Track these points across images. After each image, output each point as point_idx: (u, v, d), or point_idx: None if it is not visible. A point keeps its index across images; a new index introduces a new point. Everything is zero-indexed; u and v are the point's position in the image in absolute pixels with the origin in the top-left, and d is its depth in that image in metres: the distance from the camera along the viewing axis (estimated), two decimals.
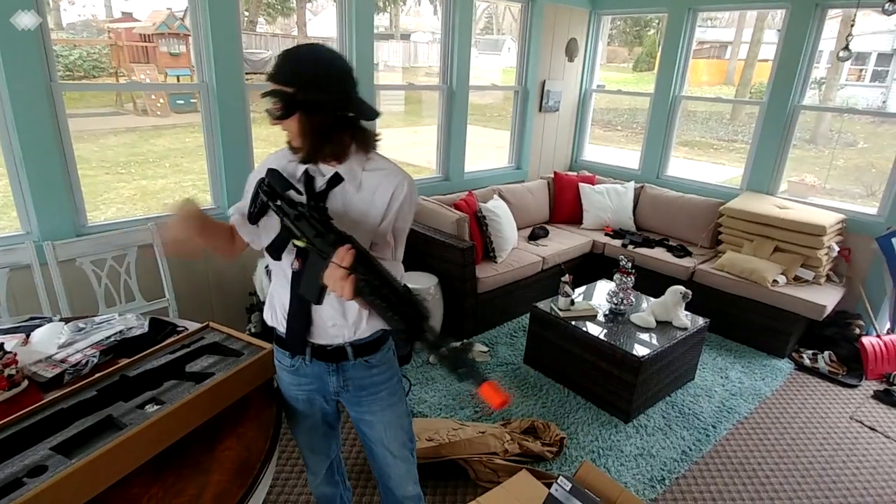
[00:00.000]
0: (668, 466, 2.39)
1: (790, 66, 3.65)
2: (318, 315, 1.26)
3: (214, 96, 2.71)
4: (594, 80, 4.93)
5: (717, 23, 13.06)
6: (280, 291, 1.30)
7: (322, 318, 1.26)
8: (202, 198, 6.16)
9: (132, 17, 9.26)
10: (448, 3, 3.70)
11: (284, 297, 1.28)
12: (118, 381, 1.36)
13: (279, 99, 1.12)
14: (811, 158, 9.20)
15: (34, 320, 1.76)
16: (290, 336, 1.30)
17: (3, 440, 1.13)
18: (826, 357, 3.30)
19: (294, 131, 1.17)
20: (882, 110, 7.91)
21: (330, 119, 1.16)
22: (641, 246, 3.93)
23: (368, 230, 1.22)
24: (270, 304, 1.35)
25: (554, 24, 4.37)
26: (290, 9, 10.88)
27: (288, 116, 1.14)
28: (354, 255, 0.99)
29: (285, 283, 1.26)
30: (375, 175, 1.23)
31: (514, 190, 4.18)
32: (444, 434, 2.31)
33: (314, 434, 1.45)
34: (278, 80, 1.13)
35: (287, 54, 1.14)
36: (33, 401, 1.36)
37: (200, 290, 2.86)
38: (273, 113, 1.14)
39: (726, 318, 3.47)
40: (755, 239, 3.58)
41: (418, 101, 10.35)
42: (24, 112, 2.20)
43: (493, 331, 3.51)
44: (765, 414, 2.84)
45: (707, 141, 10.81)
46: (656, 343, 2.68)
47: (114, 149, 7.30)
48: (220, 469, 1.20)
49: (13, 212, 2.39)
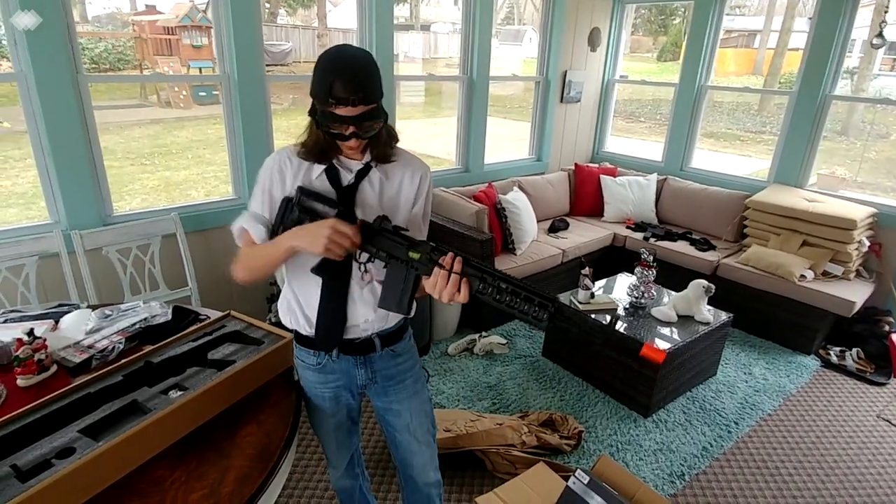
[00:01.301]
0: (688, 462, 2.36)
1: (822, 55, 3.54)
2: (353, 312, 1.27)
3: (236, 87, 2.73)
4: (617, 71, 4.85)
5: (746, 11, 12.71)
6: (304, 294, 1.29)
7: (356, 314, 1.28)
8: (223, 189, 6.27)
9: (156, 9, 9.37)
10: None
11: (311, 298, 1.28)
12: (143, 366, 1.39)
13: (377, 117, 1.12)
14: (842, 150, 8.93)
15: (62, 307, 1.80)
16: (323, 336, 1.30)
17: (33, 423, 1.17)
18: (854, 354, 3.22)
19: (356, 145, 1.17)
20: None
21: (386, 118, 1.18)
22: (663, 239, 3.87)
23: (402, 216, 1.25)
24: (289, 307, 1.34)
25: (577, 14, 4.30)
26: (311, 0, 10.92)
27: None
28: (462, 260, 1.02)
29: (311, 286, 1.26)
30: (401, 163, 1.27)
31: (534, 182, 4.15)
32: (462, 425, 2.31)
33: (339, 431, 1.45)
34: (374, 99, 1.09)
35: (358, 67, 1.07)
36: (62, 385, 1.40)
37: (221, 280, 2.90)
38: (368, 130, 1.12)
39: (751, 313, 3.40)
40: (782, 233, 3.50)
41: (438, 93, 10.31)
42: (52, 103, 2.24)
43: (511, 323, 3.50)
44: (789, 411, 2.78)
45: (733, 133, 10.56)
46: (677, 338, 2.64)
47: (138, 140, 7.44)
48: (241, 454, 1.21)
49: (41, 202, 2.45)
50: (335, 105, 1.06)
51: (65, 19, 2.20)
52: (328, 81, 1.05)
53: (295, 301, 1.32)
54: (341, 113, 1.07)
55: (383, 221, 1.11)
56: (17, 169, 6.01)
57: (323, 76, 1.07)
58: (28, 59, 2.15)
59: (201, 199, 2.86)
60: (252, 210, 1.25)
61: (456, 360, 3.06)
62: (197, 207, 2.81)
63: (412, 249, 1.08)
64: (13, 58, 2.18)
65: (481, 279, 1.02)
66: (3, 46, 5.77)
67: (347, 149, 1.19)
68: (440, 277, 1.03)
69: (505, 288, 1.00)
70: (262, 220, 1.23)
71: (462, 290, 1.02)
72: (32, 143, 2.29)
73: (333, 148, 1.19)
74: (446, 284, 1.03)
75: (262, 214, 1.23)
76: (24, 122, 2.25)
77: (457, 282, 1.02)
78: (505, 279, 1.01)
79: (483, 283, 1.02)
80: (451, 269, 1.02)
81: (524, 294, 0.98)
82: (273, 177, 1.22)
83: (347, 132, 1.11)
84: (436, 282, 1.04)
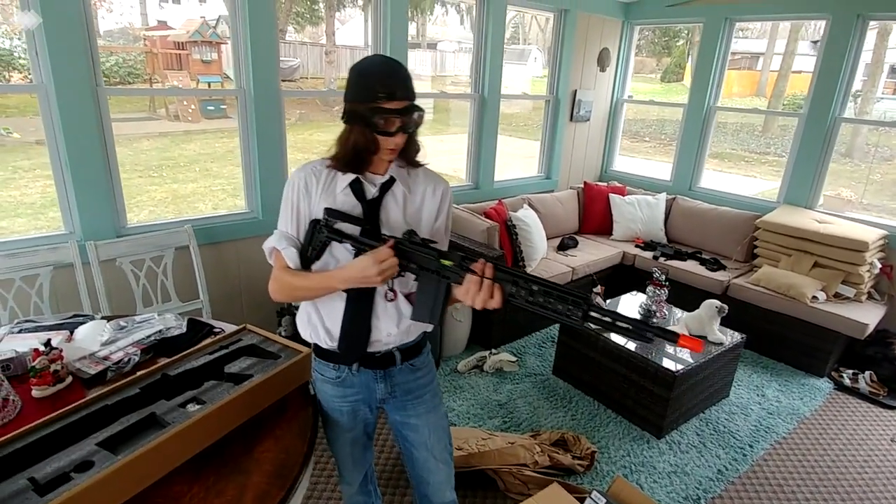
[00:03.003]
0: (704, 486, 2.32)
1: (831, 78, 3.56)
2: (377, 326, 1.27)
3: (252, 101, 2.75)
4: (626, 91, 4.89)
5: (749, 33, 12.85)
6: (327, 307, 1.29)
7: (379, 329, 1.27)
8: (230, 202, 6.29)
9: (167, 25, 9.52)
10: (481, 12, 3.71)
11: (333, 312, 1.28)
12: (160, 379, 1.38)
13: (420, 109, 1.16)
14: (847, 172, 8.96)
15: (77, 318, 1.79)
16: (345, 348, 1.29)
17: (50, 435, 1.15)
18: (867, 377, 3.18)
19: (401, 142, 1.19)
20: None
21: None
22: (673, 258, 3.86)
23: (425, 230, 1.27)
24: (310, 320, 1.33)
25: (587, 34, 4.35)
26: (319, 18, 11.07)
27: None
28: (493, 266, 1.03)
29: (335, 300, 1.26)
30: (422, 177, 1.29)
31: (543, 199, 4.15)
32: (474, 443, 2.28)
33: (355, 446, 1.44)
34: (414, 95, 1.16)
35: (397, 67, 1.15)
36: (77, 397, 1.39)
37: (233, 293, 2.90)
38: (416, 124, 1.17)
39: (762, 334, 3.37)
40: (793, 254, 3.48)
41: (445, 110, 10.40)
42: (71, 115, 2.25)
43: (521, 340, 3.48)
44: (804, 434, 2.74)
45: (738, 153, 10.62)
46: (690, 358, 2.61)
47: (146, 153, 7.49)
48: (259, 470, 1.20)
49: (50, 212, 2.45)
50: (384, 100, 1.11)
51: (86, 32, 2.23)
52: (374, 80, 1.12)
53: (317, 314, 1.31)
54: (390, 107, 1.11)
55: (412, 235, 1.11)
56: (26, 179, 6.04)
57: (367, 78, 1.13)
58: (49, 71, 2.16)
59: (209, 212, 2.86)
60: (281, 229, 1.26)
61: (466, 377, 3.03)
62: (210, 220, 2.81)
63: (444, 257, 1.08)
64: (34, 69, 2.19)
65: (513, 283, 1.02)
66: (16, 59, 5.84)
67: (388, 151, 1.19)
68: (473, 284, 1.03)
69: (537, 290, 1.00)
70: (292, 241, 1.24)
71: (495, 296, 1.02)
72: (50, 153, 2.30)
73: (370, 153, 1.20)
74: (479, 290, 1.02)
75: (291, 235, 1.24)
76: (34, 134, 2.27)
77: (490, 287, 1.02)
78: (536, 281, 1.00)
79: (515, 286, 1.02)
80: (483, 274, 1.02)
81: (556, 294, 0.98)
82: (300, 193, 1.23)
83: (394, 127, 1.13)
84: (468, 288, 1.04)
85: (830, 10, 3.52)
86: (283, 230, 1.25)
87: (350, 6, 11.72)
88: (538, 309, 1.00)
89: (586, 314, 0.96)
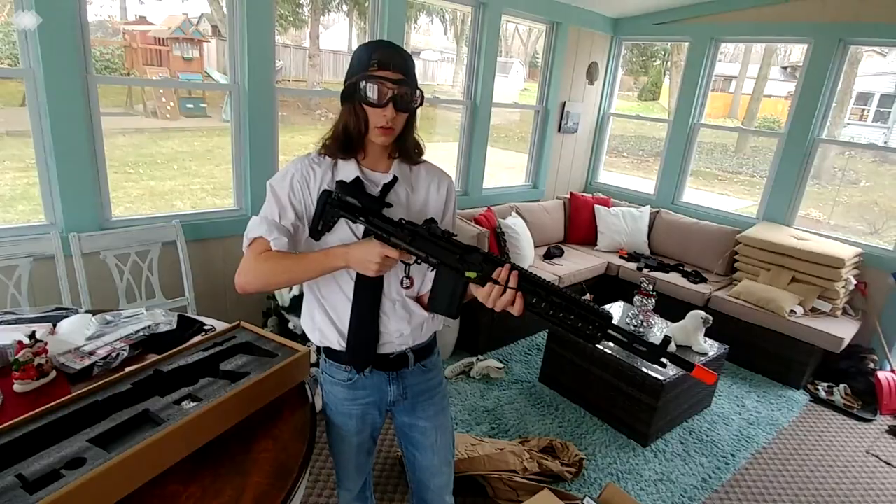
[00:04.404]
0: (689, 493, 2.34)
1: (811, 99, 3.69)
2: (386, 327, 1.23)
3: (245, 97, 2.70)
4: (612, 105, 4.98)
5: (723, 57, 13.29)
6: (334, 307, 1.25)
7: (390, 330, 1.24)
8: (209, 201, 6.16)
9: (146, 20, 9.34)
10: (476, 20, 3.74)
11: (342, 312, 1.24)
12: (152, 375, 1.33)
13: (415, 90, 1.12)
14: (815, 194, 9.29)
15: (60, 311, 1.71)
16: (356, 350, 1.25)
17: (38, 430, 1.09)
18: (841, 390, 3.27)
19: (400, 126, 1.15)
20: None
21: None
22: (656, 270, 3.92)
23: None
24: (316, 323, 1.28)
25: (577, 47, 4.42)
26: (303, 21, 11.01)
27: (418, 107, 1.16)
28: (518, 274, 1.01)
29: (342, 298, 1.23)
30: (424, 174, 1.26)
31: (530, 208, 4.18)
32: (463, 449, 2.26)
33: (360, 452, 1.39)
34: (411, 76, 1.11)
35: (399, 46, 1.12)
36: (62, 392, 1.33)
37: (218, 291, 2.82)
38: (408, 101, 1.11)
39: (741, 346, 3.44)
40: (772, 268, 3.58)
41: (431, 118, 10.43)
42: (59, 102, 2.17)
43: (507, 348, 3.47)
44: (783, 444, 2.80)
45: (712, 171, 10.91)
46: (676, 367, 2.64)
47: (122, 148, 7.30)
48: (258, 471, 1.16)
49: (20, 205, 2.35)
50: (377, 68, 1.07)
51: (78, 17, 2.16)
52: (371, 49, 1.10)
53: (324, 315, 1.26)
54: (382, 75, 1.07)
55: (431, 226, 1.08)
56: None
57: (365, 50, 1.11)
58: (39, 56, 2.09)
59: (188, 210, 2.80)
60: (270, 218, 1.15)
61: (453, 383, 3.01)
62: (197, 216, 2.74)
63: (468, 267, 1.04)
64: (22, 53, 2.11)
65: (535, 293, 1.01)
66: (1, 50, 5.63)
67: (378, 130, 1.12)
68: (495, 290, 1.01)
69: (559, 303, 0.98)
70: (283, 230, 1.14)
71: (517, 303, 1.00)
72: (35, 142, 2.21)
73: (360, 133, 1.14)
74: (500, 295, 1.01)
75: (283, 224, 1.15)
76: (4, 125, 2.18)
77: (512, 294, 1.00)
78: (559, 294, 0.99)
79: (537, 297, 1.00)
80: (507, 283, 1.00)
81: (578, 312, 0.97)
82: (293, 185, 1.16)
83: (384, 97, 1.08)
84: (490, 292, 1.02)
85: (812, 34, 3.65)
86: (271, 219, 1.15)
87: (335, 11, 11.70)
88: (557, 323, 0.99)
89: (605, 333, 0.96)
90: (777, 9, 3.81)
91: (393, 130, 1.13)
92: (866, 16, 3.45)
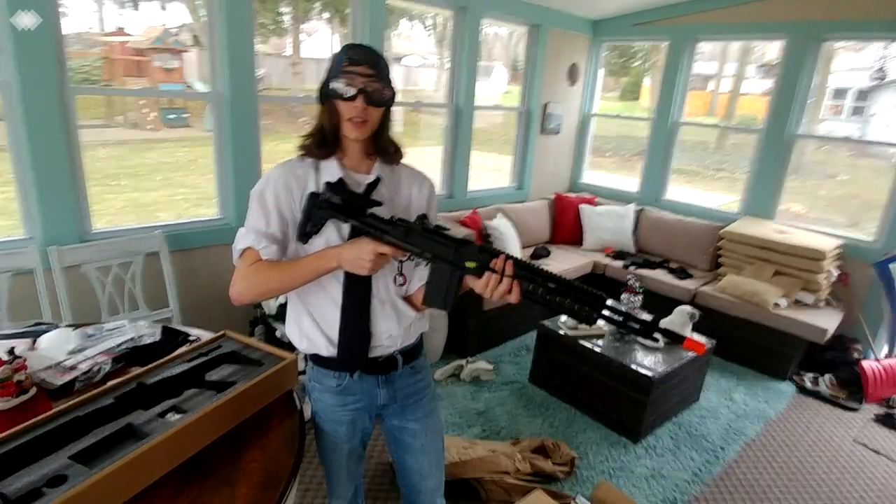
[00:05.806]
0: (681, 488, 2.35)
1: (787, 96, 3.75)
2: (376, 329, 1.23)
3: (228, 106, 2.68)
4: (594, 105, 5.02)
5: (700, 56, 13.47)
6: (322, 313, 1.24)
7: (379, 330, 1.24)
8: (193, 212, 6.10)
9: (124, 31, 9.24)
10: (458, 23, 3.75)
11: (329, 317, 1.23)
12: (136, 388, 1.30)
13: (386, 85, 1.14)
14: (794, 188, 9.43)
15: (40, 326, 1.68)
16: (346, 354, 1.25)
17: (18, 448, 1.07)
18: (827, 380, 3.31)
19: (374, 122, 1.16)
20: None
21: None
22: (642, 267, 3.95)
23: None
24: (303, 330, 1.27)
25: (558, 49, 4.46)
26: (284, 29, 10.98)
27: (391, 104, 1.18)
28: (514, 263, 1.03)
29: (329, 304, 1.22)
30: (405, 176, 1.28)
31: (516, 209, 4.19)
32: (455, 452, 2.25)
33: (351, 458, 1.38)
34: (384, 75, 1.13)
35: (369, 48, 1.14)
36: (42, 408, 1.30)
37: (203, 302, 2.78)
38: (378, 95, 1.12)
39: (728, 340, 3.47)
40: (756, 262, 3.62)
41: (414, 123, 10.43)
42: (36, 114, 2.14)
43: (497, 349, 3.48)
44: (771, 436, 2.83)
45: (693, 169, 11.04)
46: (664, 363, 2.66)
47: (103, 160, 7.21)
48: (246, 482, 1.14)
49: None
50: (347, 64, 1.10)
51: (55, 28, 2.13)
52: (345, 50, 1.12)
53: (311, 322, 1.26)
54: (352, 70, 1.10)
55: (424, 221, 1.09)
56: None
57: (339, 52, 1.13)
58: (14, 67, 2.06)
59: (173, 220, 2.77)
60: (256, 227, 1.16)
61: (443, 385, 3.00)
62: (181, 227, 2.71)
63: (467, 258, 1.06)
64: None
65: (531, 280, 1.02)
66: None
67: (350, 125, 1.14)
68: (493, 278, 1.03)
69: (554, 288, 1.00)
70: (271, 237, 1.16)
71: (514, 291, 1.02)
72: (12, 154, 2.17)
73: (335, 129, 1.17)
74: (497, 285, 1.02)
75: (270, 232, 1.16)
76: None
77: (509, 283, 1.02)
78: (554, 279, 1.01)
79: (533, 283, 1.02)
80: (504, 272, 1.02)
81: (574, 294, 0.99)
82: (277, 190, 1.17)
83: (354, 89, 1.10)
84: (487, 283, 1.04)
85: (788, 31, 3.72)
86: (258, 228, 1.16)
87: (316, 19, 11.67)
88: (554, 306, 1.01)
89: (600, 313, 0.99)
90: (753, 7, 3.87)
91: (365, 124, 1.14)
92: (839, 13, 3.52)
